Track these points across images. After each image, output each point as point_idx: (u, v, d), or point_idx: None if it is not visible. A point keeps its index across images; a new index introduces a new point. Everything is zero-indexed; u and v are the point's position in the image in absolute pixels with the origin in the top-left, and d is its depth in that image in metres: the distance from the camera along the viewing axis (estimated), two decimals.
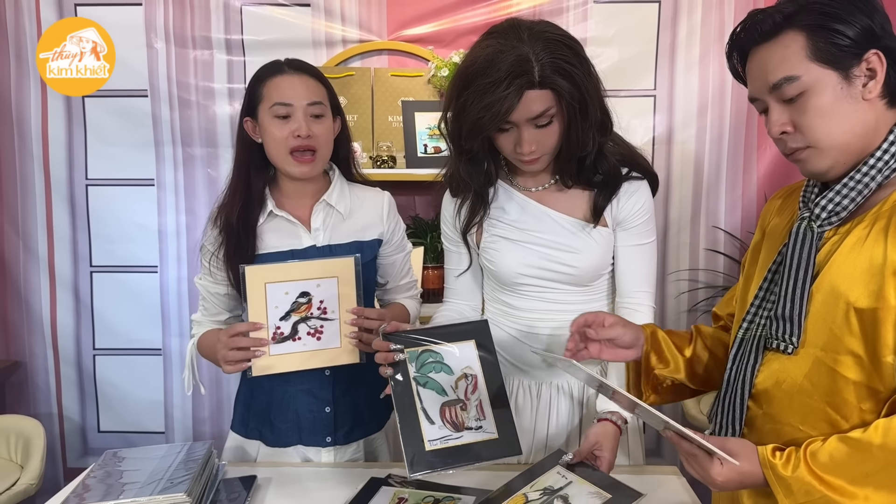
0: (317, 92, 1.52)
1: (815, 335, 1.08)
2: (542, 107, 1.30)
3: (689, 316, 2.83)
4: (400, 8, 2.75)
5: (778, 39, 1.06)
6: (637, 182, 1.49)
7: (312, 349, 1.44)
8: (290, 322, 1.42)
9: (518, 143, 1.35)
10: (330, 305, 1.44)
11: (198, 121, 2.77)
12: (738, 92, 2.71)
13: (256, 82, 1.54)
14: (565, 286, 1.49)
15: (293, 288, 1.42)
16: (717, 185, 2.78)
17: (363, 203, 1.63)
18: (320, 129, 1.51)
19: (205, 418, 2.91)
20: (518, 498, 1.29)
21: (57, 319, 2.94)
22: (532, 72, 1.26)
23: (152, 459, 1.41)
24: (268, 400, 1.60)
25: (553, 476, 1.33)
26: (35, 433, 2.46)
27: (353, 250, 1.57)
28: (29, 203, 2.89)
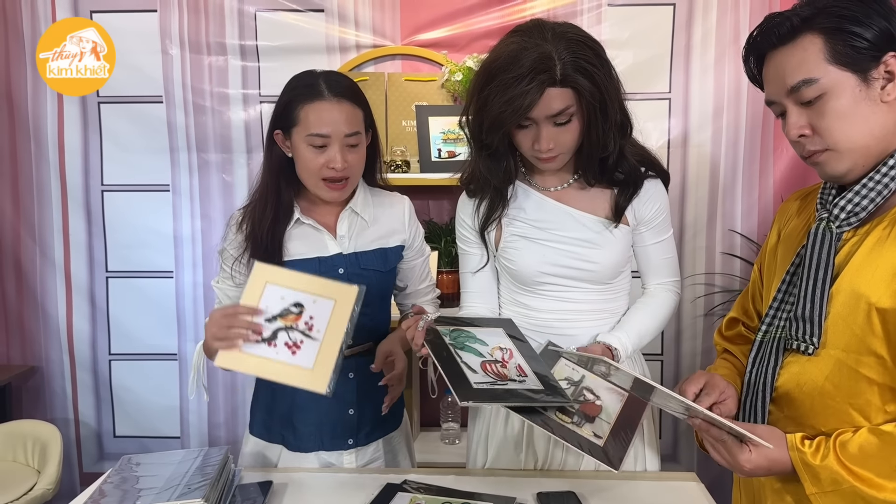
0: (355, 121, 1.50)
1: (836, 336, 1.07)
2: (562, 105, 1.32)
3: (706, 320, 2.81)
4: (413, 12, 2.75)
5: (796, 42, 1.06)
6: (654, 181, 1.51)
7: (283, 361, 1.35)
8: (273, 327, 1.36)
9: (536, 141, 1.37)
10: (318, 325, 1.37)
11: (213, 126, 2.78)
12: (753, 95, 2.69)
13: (293, 103, 1.49)
14: (585, 284, 1.49)
15: (290, 295, 1.38)
16: (733, 189, 2.76)
17: (385, 209, 1.64)
18: (355, 157, 1.51)
19: (220, 423, 2.91)
20: None
21: (73, 325, 2.96)
22: (554, 69, 1.28)
23: (169, 465, 1.41)
24: (290, 403, 1.59)
25: (565, 369, 1.37)
26: (52, 438, 2.48)
27: (379, 257, 1.58)
28: (45, 209, 2.91)
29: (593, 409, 1.31)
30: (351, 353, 1.59)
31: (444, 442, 2.72)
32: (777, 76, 1.09)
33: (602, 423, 1.29)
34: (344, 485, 1.48)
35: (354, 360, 1.59)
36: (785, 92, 1.08)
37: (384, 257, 1.60)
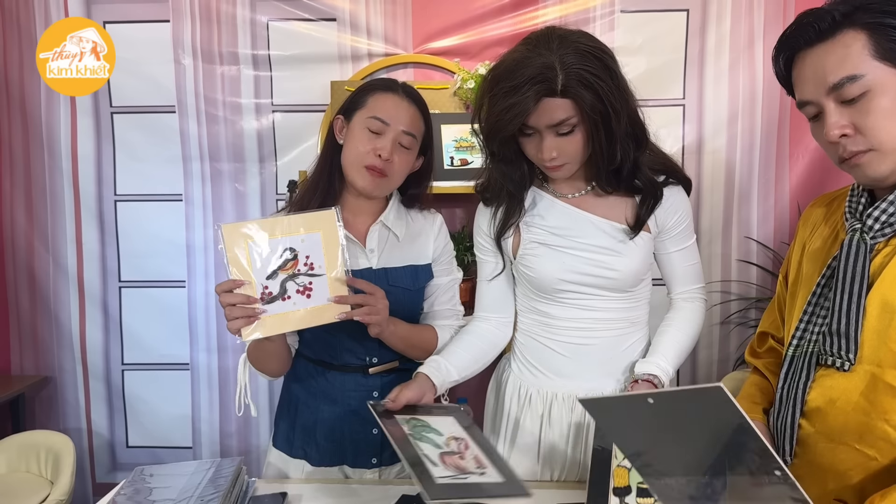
0: (415, 125, 1.52)
1: (872, 351, 1.04)
2: (563, 115, 1.30)
3: (722, 328, 2.78)
4: (425, 21, 2.74)
5: (836, 39, 1.02)
6: (675, 188, 1.49)
7: (304, 308, 1.37)
8: (278, 280, 1.35)
9: (539, 150, 1.36)
10: (316, 260, 1.37)
11: (225, 136, 2.78)
12: (769, 101, 2.67)
13: (366, 90, 1.54)
14: (605, 292, 1.47)
15: (276, 244, 1.35)
16: (748, 195, 2.74)
17: (417, 226, 1.62)
18: (401, 159, 1.51)
19: (232, 433, 2.90)
20: (620, 472, 1.27)
21: (86, 335, 2.96)
22: (554, 80, 1.27)
23: (182, 476, 1.40)
24: (314, 419, 1.58)
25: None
26: (65, 448, 2.47)
27: (409, 274, 1.56)
28: (58, 219, 2.92)
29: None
30: (376, 372, 1.57)
31: None
32: (815, 74, 1.04)
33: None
34: (360, 495, 1.46)
35: (379, 378, 1.58)
36: (825, 90, 1.03)
37: (414, 275, 1.58)
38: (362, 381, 1.57)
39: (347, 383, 1.57)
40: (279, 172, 2.82)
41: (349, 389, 1.56)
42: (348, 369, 1.56)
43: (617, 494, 1.26)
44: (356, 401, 1.56)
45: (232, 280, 1.32)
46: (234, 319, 1.32)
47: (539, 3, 2.71)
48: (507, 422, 1.59)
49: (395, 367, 1.60)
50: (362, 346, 1.55)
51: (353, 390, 1.56)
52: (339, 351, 1.56)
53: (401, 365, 1.60)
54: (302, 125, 2.79)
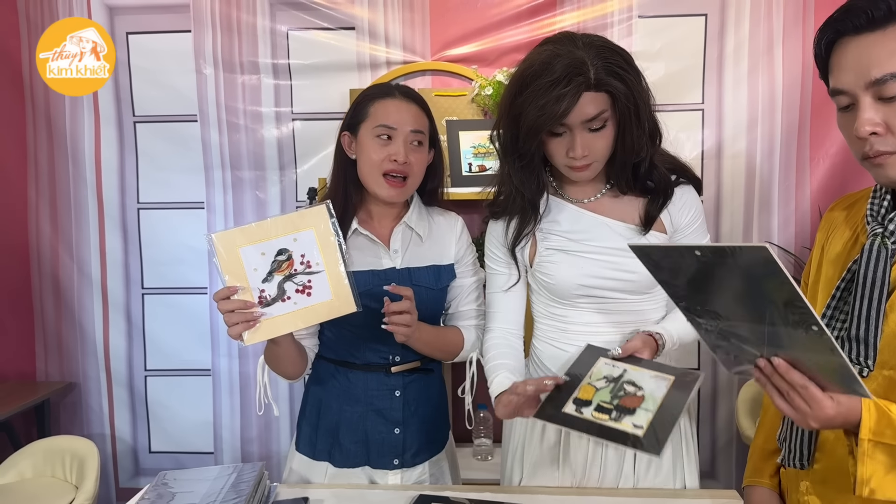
0: (420, 121, 1.55)
1: (891, 356, 1.02)
2: (597, 109, 1.32)
3: None
4: (443, 28, 2.76)
5: (889, 30, 0.96)
6: (686, 187, 1.49)
7: (305, 306, 1.37)
8: (274, 282, 1.35)
9: (571, 148, 1.36)
10: (313, 258, 1.36)
11: (246, 144, 2.81)
12: (788, 105, 2.65)
13: (363, 101, 1.57)
14: (624, 295, 1.46)
15: (268, 247, 1.35)
16: (769, 200, 2.72)
17: (439, 227, 1.64)
18: (416, 158, 1.53)
19: (253, 438, 2.92)
20: (587, 388, 1.30)
21: (109, 341, 3.00)
22: (588, 73, 1.28)
23: (204, 481, 1.41)
24: (336, 420, 1.59)
25: (605, 367, 1.34)
26: (89, 454, 2.50)
27: (432, 274, 1.58)
28: (83, 227, 2.96)
29: (633, 401, 1.27)
30: (398, 371, 1.58)
31: (477, 458, 2.69)
32: (858, 64, 0.98)
33: (642, 413, 1.25)
34: (382, 500, 1.47)
35: (401, 377, 1.59)
36: (865, 83, 0.98)
37: (437, 275, 1.59)
38: (385, 380, 1.58)
39: (370, 383, 1.58)
40: (299, 180, 2.84)
41: (372, 389, 1.58)
42: (371, 368, 1.58)
43: (575, 403, 1.28)
44: (379, 400, 1.57)
45: (227, 287, 1.34)
46: (233, 325, 1.34)
47: (556, 9, 2.71)
48: (526, 424, 1.58)
49: (417, 366, 1.61)
50: (385, 345, 1.56)
51: (376, 390, 1.58)
52: (363, 350, 1.57)
53: (422, 365, 1.62)
54: (321, 133, 2.81)
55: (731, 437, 2.80)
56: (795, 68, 2.64)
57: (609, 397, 1.27)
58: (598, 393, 1.29)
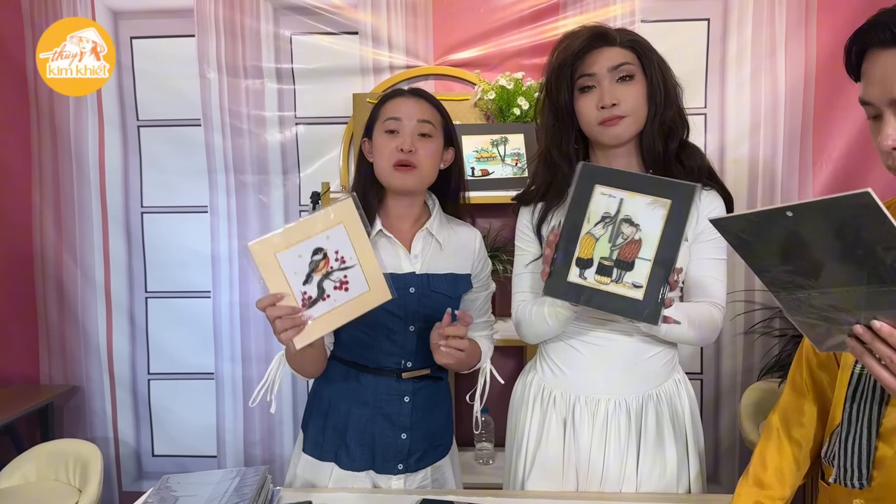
0: (428, 113, 1.57)
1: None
2: (622, 59, 1.43)
3: (746, 339, 2.76)
4: (446, 33, 2.77)
5: None
6: (716, 194, 1.51)
7: (344, 302, 1.38)
8: (314, 283, 1.36)
9: (600, 98, 1.43)
10: (346, 253, 1.38)
11: (249, 148, 2.82)
12: (791, 110, 2.66)
13: (377, 105, 1.62)
14: None
15: (304, 248, 1.35)
16: (771, 204, 2.70)
17: (459, 238, 1.66)
18: (424, 147, 1.55)
19: (256, 441, 2.92)
20: (587, 240, 1.31)
21: (113, 344, 3.00)
22: (612, 35, 1.45)
23: (207, 485, 1.42)
24: (345, 422, 1.60)
25: (602, 200, 1.32)
26: (93, 457, 2.50)
27: (450, 282, 1.59)
28: (86, 231, 2.96)
29: (631, 250, 1.29)
30: (408, 377, 1.59)
31: (479, 462, 2.70)
32: (883, 79, 0.97)
33: (641, 266, 1.28)
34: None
35: (411, 383, 1.60)
36: (888, 100, 0.96)
37: (455, 283, 1.61)
38: (395, 384, 1.58)
39: (380, 386, 1.58)
40: (302, 184, 2.85)
41: (381, 393, 1.58)
42: (382, 372, 1.58)
43: (578, 265, 1.31)
44: (388, 405, 1.58)
45: (273, 294, 1.33)
46: (283, 332, 1.33)
47: (559, 13, 2.72)
48: (530, 427, 1.58)
49: (428, 373, 1.62)
50: (399, 349, 1.58)
51: (386, 394, 1.58)
52: (376, 353, 1.58)
53: (432, 372, 1.62)
54: (325, 137, 2.82)
55: (734, 441, 2.79)
56: (798, 72, 2.64)
57: (608, 250, 1.30)
58: (598, 245, 1.31)
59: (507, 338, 2.28)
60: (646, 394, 1.51)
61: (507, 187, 2.49)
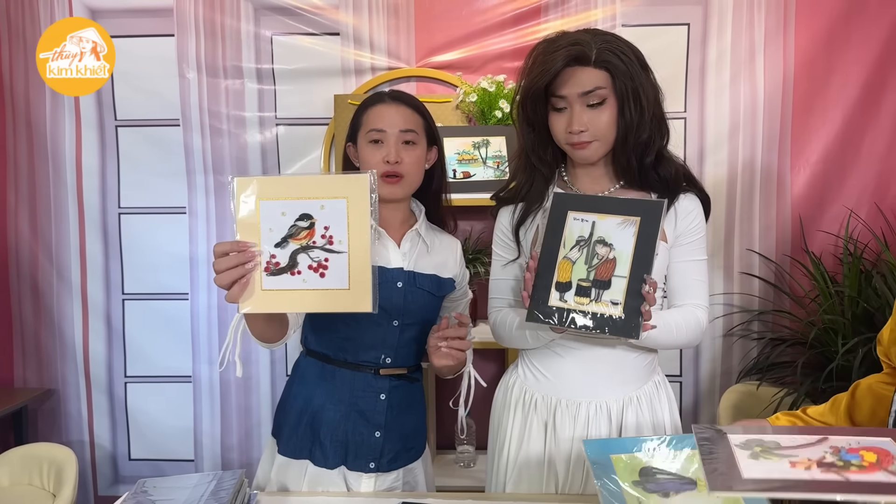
0: (411, 121, 1.57)
1: None
2: (594, 84, 1.39)
3: (725, 341, 2.77)
4: (428, 35, 2.76)
5: None
6: (693, 197, 1.52)
7: (315, 288, 1.20)
8: (288, 250, 1.20)
9: (569, 123, 1.42)
10: (337, 234, 1.20)
11: (229, 149, 2.80)
12: (770, 113, 2.68)
13: (359, 111, 1.61)
14: None
15: (292, 207, 1.19)
16: (750, 208, 2.74)
17: (442, 243, 1.68)
18: (409, 156, 1.55)
19: (233, 445, 2.90)
20: (565, 265, 1.35)
21: (89, 347, 2.97)
22: (588, 49, 1.38)
23: (184, 489, 1.40)
24: (320, 418, 1.59)
25: (575, 225, 1.37)
26: (68, 461, 2.47)
27: (434, 283, 1.60)
28: (63, 232, 2.93)
29: (607, 269, 1.33)
30: (386, 374, 1.59)
31: (460, 465, 2.69)
32: None
33: (617, 284, 1.31)
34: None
35: (388, 381, 1.59)
36: None
37: (438, 283, 1.62)
38: (372, 381, 1.58)
39: (357, 383, 1.58)
40: None
41: (358, 389, 1.58)
42: (360, 368, 1.58)
43: (558, 289, 1.34)
44: (364, 402, 1.58)
45: (234, 242, 1.22)
46: (228, 286, 1.21)
47: (541, 17, 2.73)
48: (512, 429, 1.59)
49: (405, 372, 1.61)
50: (381, 343, 1.57)
51: (362, 391, 1.58)
52: (356, 347, 1.57)
53: (409, 372, 1.62)
54: (305, 138, 2.80)
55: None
56: (777, 77, 2.67)
57: (585, 272, 1.33)
58: (575, 268, 1.34)
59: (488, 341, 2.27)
60: (626, 396, 1.52)
61: (488, 189, 2.47)
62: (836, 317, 2.47)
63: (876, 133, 2.69)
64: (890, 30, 2.64)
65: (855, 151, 2.70)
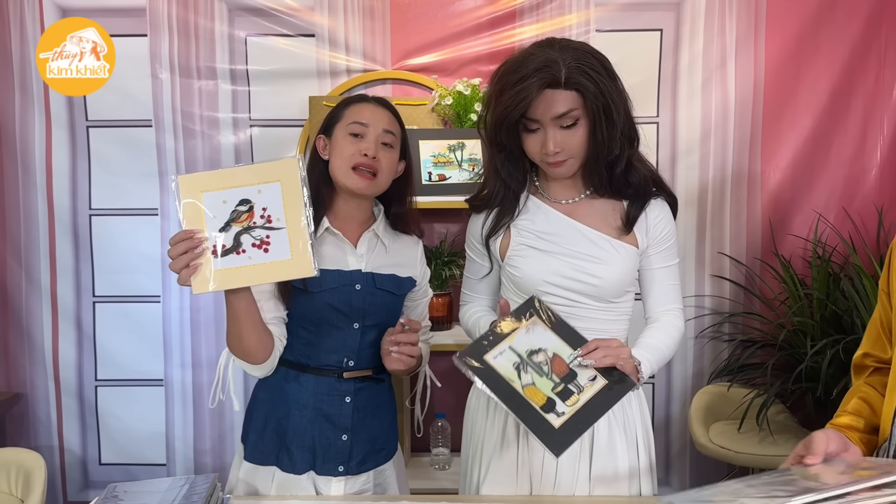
0: (391, 124, 1.59)
1: None
2: (567, 107, 1.38)
3: (696, 343, 2.81)
4: (404, 37, 2.77)
5: None
6: (662, 202, 1.54)
7: (260, 262, 1.31)
8: (232, 233, 1.31)
9: (544, 144, 1.42)
10: (275, 213, 1.32)
11: (202, 150, 2.78)
12: (741, 119, 2.72)
13: (339, 106, 1.62)
14: (588, 300, 1.49)
15: (231, 196, 1.32)
16: (721, 211, 2.78)
17: (403, 243, 1.68)
18: (386, 157, 1.57)
19: (206, 450, 2.88)
20: (531, 392, 1.33)
21: (59, 350, 2.92)
22: (558, 72, 1.36)
23: (155, 493, 1.38)
24: (285, 425, 1.58)
25: (501, 362, 1.35)
26: (36, 466, 2.43)
27: (394, 282, 1.61)
28: (32, 233, 2.88)
29: (560, 365, 1.35)
30: (350, 377, 1.58)
31: (435, 467, 2.69)
32: None
33: (579, 368, 1.35)
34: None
35: (353, 384, 1.59)
36: None
37: (398, 283, 1.63)
38: (336, 385, 1.57)
39: (321, 387, 1.57)
40: None
41: (322, 393, 1.57)
42: (323, 372, 1.57)
43: (547, 411, 1.31)
44: (329, 406, 1.57)
45: (183, 231, 1.32)
46: (180, 269, 1.31)
47: (516, 21, 2.74)
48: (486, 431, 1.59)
49: (370, 374, 1.61)
50: (342, 346, 1.57)
51: (326, 394, 1.57)
52: (318, 351, 1.57)
53: (374, 373, 1.62)
54: (280, 140, 2.79)
55: (685, 444, 2.84)
56: (747, 83, 2.71)
57: (549, 383, 1.34)
58: (540, 387, 1.34)
59: (462, 342, 2.29)
60: None
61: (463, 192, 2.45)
62: (805, 319, 2.51)
63: (844, 138, 2.74)
64: (857, 37, 2.69)
65: (824, 156, 2.75)
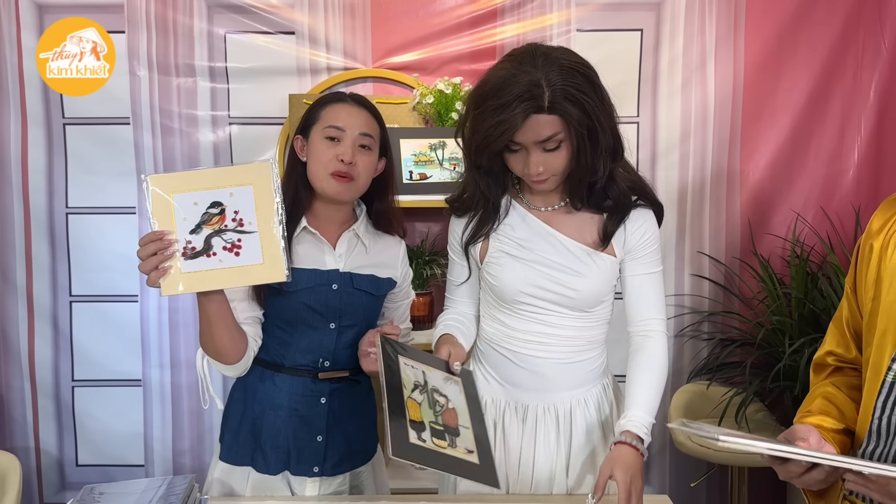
0: (370, 126, 1.56)
1: None
2: (551, 131, 1.34)
3: (675, 342, 2.82)
4: (384, 36, 2.76)
5: None
6: (645, 210, 1.51)
7: (231, 266, 1.31)
8: (202, 235, 1.30)
9: (526, 165, 1.39)
10: (247, 217, 1.31)
11: (180, 148, 2.75)
12: (720, 119, 2.74)
13: (316, 106, 1.59)
14: (564, 310, 1.49)
15: (203, 198, 1.30)
16: (700, 211, 2.80)
17: (384, 242, 1.67)
18: (363, 160, 1.55)
19: (185, 450, 2.85)
20: (412, 405, 1.32)
21: (35, 351, 2.89)
22: (542, 97, 1.30)
23: (132, 494, 1.38)
24: (260, 424, 1.57)
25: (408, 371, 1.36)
26: (11, 468, 2.40)
27: (371, 281, 1.59)
28: (7, 232, 2.84)
29: (451, 417, 1.33)
30: (325, 377, 1.57)
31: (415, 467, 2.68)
32: None
33: (465, 433, 1.32)
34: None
35: (328, 384, 1.58)
36: None
37: (376, 283, 1.62)
38: (311, 385, 1.57)
39: (296, 388, 1.56)
40: None
41: (297, 394, 1.56)
42: (298, 372, 1.57)
43: (413, 428, 1.27)
44: (304, 406, 1.56)
45: (153, 232, 1.30)
46: (149, 271, 1.29)
47: (497, 20, 2.74)
48: None
49: (346, 375, 1.60)
50: (318, 346, 1.57)
51: (301, 395, 1.56)
52: (293, 351, 1.56)
53: (351, 374, 1.61)
54: (259, 138, 2.77)
55: (664, 443, 2.86)
56: (727, 83, 2.73)
57: (433, 416, 1.31)
58: (423, 410, 1.31)
59: None
60: (574, 398, 1.54)
61: (445, 191, 2.47)
62: (784, 318, 2.54)
63: (822, 138, 2.77)
64: (836, 37, 2.72)
65: (802, 156, 2.78)
